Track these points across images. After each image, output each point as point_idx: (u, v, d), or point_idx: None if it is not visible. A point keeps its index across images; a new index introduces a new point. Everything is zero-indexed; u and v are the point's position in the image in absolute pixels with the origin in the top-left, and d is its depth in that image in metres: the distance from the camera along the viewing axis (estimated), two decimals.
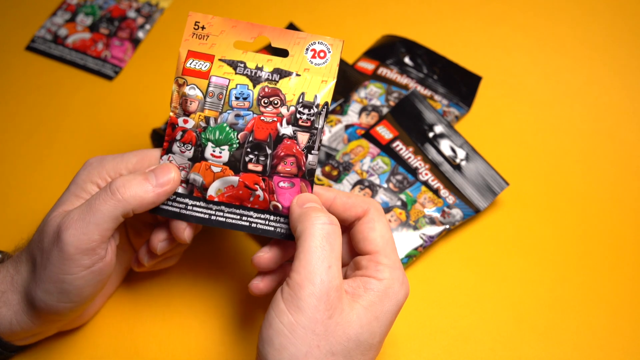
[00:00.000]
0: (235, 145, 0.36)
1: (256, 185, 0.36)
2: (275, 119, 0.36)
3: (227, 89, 0.36)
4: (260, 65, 0.36)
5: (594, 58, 0.57)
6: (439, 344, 0.42)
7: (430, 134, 0.49)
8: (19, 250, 0.38)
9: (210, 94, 0.36)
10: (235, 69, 0.36)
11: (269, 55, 0.36)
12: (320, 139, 0.36)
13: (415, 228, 0.45)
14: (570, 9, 0.60)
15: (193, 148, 0.36)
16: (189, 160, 0.36)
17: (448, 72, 0.55)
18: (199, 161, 0.36)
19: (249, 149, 0.36)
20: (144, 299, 0.43)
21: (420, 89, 0.54)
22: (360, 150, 0.48)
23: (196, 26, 0.37)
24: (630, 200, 0.50)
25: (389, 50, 0.56)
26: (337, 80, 0.36)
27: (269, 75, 0.36)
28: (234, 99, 0.36)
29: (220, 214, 0.36)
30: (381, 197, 0.46)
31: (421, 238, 0.44)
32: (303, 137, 0.36)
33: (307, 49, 0.36)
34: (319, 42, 0.36)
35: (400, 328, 0.42)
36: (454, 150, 0.48)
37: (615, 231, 0.48)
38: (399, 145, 0.48)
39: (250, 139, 0.36)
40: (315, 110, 0.36)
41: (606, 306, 0.44)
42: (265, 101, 0.36)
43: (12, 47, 0.59)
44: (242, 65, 0.36)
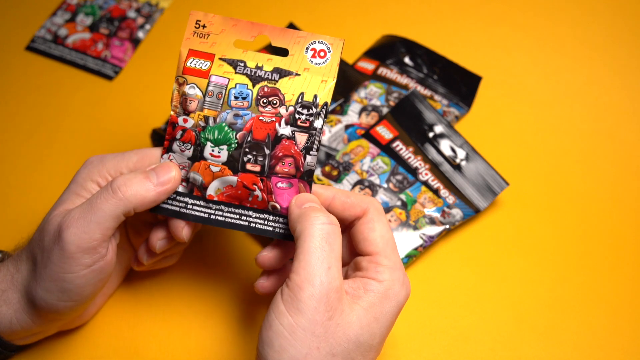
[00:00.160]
0: (233, 145, 0.36)
1: (254, 186, 0.36)
2: (274, 119, 0.36)
3: (227, 88, 0.36)
4: (260, 65, 0.36)
5: (594, 58, 0.57)
6: (439, 344, 0.42)
7: (430, 134, 0.49)
8: (19, 249, 0.38)
9: (210, 93, 0.36)
10: (235, 68, 0.36)
11: (268, 55, 0.36)
12: (319, 139, 0.36)
13: (415, 228, 0.45)
14: (570, 9, 0.60)
15: (192, 147, 0.36)
16: (188, 159, 0.36)
17: (448, 72, 0.55)
18: (198, 160, 0.36)
19: (247, 149, 0.36)
20: (144, 299, 0.43)
21: (420, 89, 0.54)
22: (360, 150, 0.48)
23: (197, 25, 0.37)
24: (630, 200, 0.50)
25: (389, 50, 0.56)
26: (337, 80, 0.36)
27: (268, 75, 0.36)
28: (233, 98, 0.36)
29: (220, 213, 0.36)
30: (381, 197, 0.46)
31: (421, 238, 0.44)
32: (302, 138, 0.36)
33: (307, 49, 0.36)
34: (319, 42, 0.36)
35: (400, 328, 0.42)
36: (454, 150, 0.48)
37: (615, 231, 0.48)
38: (399, 145, 0.48)
39: (249, 139, 0.36)
40: (315, 110, 0.36)
41: (606, 306, 0.44)
42: (264, 101, 0.36)
43: (12, 47, 0.59)
44: (242, 64, 0.36)
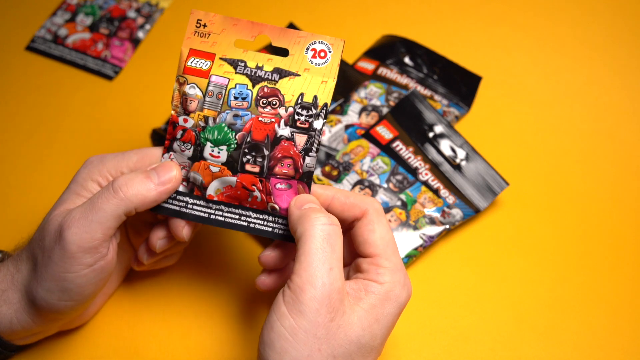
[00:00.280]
0: (233, 146, 0.36)
1: (253, 186, 0.36)
2: (273, 120, 0.36)
3: (227, 88, 0.36)
4: (260, 65, 0.36)
5: (594, 58, 0.57)
6: (439, 344, 0.42)
7: (430, 134, 0.49)
8: (19, 249, 0.38)
9: (210, 93, 0.36)
10: (235, 68, 0.36)
11: (269, 55, 0.36)
12: (318, 141, 0.36)
13: (415, 228, 0.45)
14: (570, 9, 0.60)
15: (192, 147, 0.36)
16: (188, 159, 0.36)
17: (448, 72, 0.55)
18: (198, 160, 0.36)
19: (246, 150, 0.36)
20: (144, 299, 0.43)
21: (420, 89, 0.54)
22: (360, 150, 0.48)
23: (198, 24, 0.37)
24: (630, 200, 0.50)
25: (389, 50, 0.56)
26: (337, 80, 0.36)
27: (268, 75, 0.36)
28: (232, 98, 0.36)
29: (220, 213, 0.36)
30: (381, 197, 0.46)
31: (421, 238, 0.44)
32: (301, 139, 0.36)
33: (308, 49, 0.36)
34: (319, 42, 0.36)
35: (401, 328, 0.42)
36: (454, 150, 0.48)
37: (615, 231, 0.48)
38: (399, 145, 0.48)
39: (248, 139, 0.36)
40: (314, 111, 0.35)
41: (606, 306, 0.44)
42: (264, 101, 0.36)
43: (12, 47, 0.59)
44: (243, 64, 0.36)
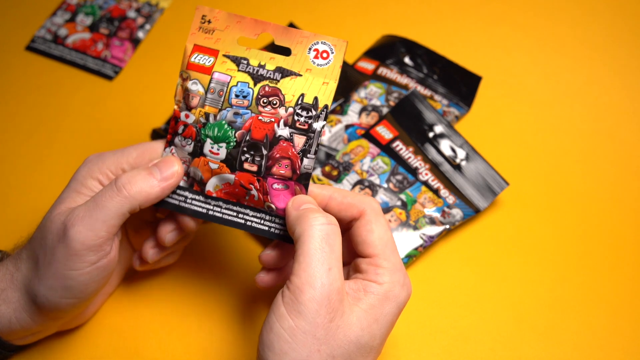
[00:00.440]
0: (232, 144, 0.36)
1: (251, 185, 0.36)
2: (273, 120, 0.35)
3: (228, 86, 0.36)
4: (262, 63, 0.36)
5: (594, 58, 0.57)
6: (439, 344, 0.42)
7: (430, 134, 0.49)
8: (18, 249, 0.38)
9: (212, 90, 0.36)
10: (237, 66, 0.36)
11: (271, 54, 0.36)
12: (317, 142, 0.35)
13: (416, 228, 0.45)
14: (570, 9, 0.60)
15: (193, 143, 0.36)
16: (189, 154, 0.36)
17: (448, 72, 0.55)
18: (198, 156, 0.36)
19: (245, 148, 0.36)
20: (144, 299, 0.43)
21: (420, 89, 0.54)
22: (360, 150, 0.48)
23: (203, 20, 0.37)
24: (630, 200, 0.50)
25: (389, 50, 0.56)
26: (338, 80, 0.36)
27: (270, 74, 0.36)
28: (234, 96, 0.36)
29: (218, 209, 0.36)
30: (381, 197, 0.46)
31: (421, 238, 0.44)
32: (299, 140, 0.35)
33: (310, 49, 0.36)
34: (322, 42, 0.36)
35: (401, 328, 0.42)
36: (454, 150, 0.48)
37: (615, 231, 0.48)
38: (399, 145, 0.48)
39: (247, 138, 0.36)
40: (314, 113, 0.35)
41: (606, 306, 0.44)
42: (265, 101, 0.36)
43: (12, 47, 0.59)
44: (245, 62, 0.36)
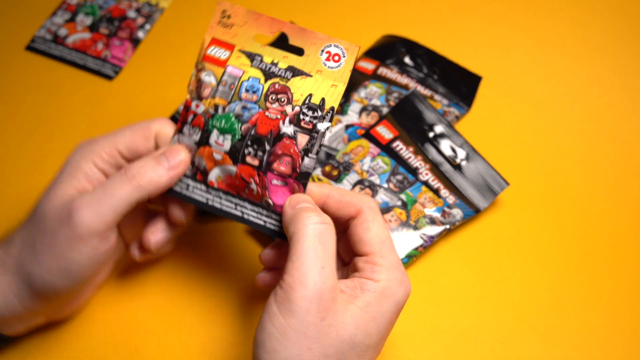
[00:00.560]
0: (237, 136, 0.36)
1: (251, 179, 0.36)
2: (279, 117, 0.36)
3: (240, 80, 0.37)
4: (275, 61, 0.37)
5: (594, 58, 0.57)
6: (439, 344, 0.42)
7: (431, 134, 0.49)
8: (3, 239, 0.37)
9: (224, 82, 0.37)
10: (252, 61, 0.37)
11: (285, 52, 0.37)
12: (320, 143, 0.36)
13: (416, 228, 0.45)
14: (570, 9, 0.60)
15: (200, 132, 0.37)
16: (195, 143, 0.37)
17: (448, 72, 0.55)
18: (203, 146, 0.37)
19: (249, 142, 0.36)
20: (144, 298, 0.43)
21: (421, 88, 0.54)
22: (361, 150, 0.48)
23: (223, 14, 0.37)
24: (630, 200, 0.50)
25: (389, 50, 0.56)
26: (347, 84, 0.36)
27: (282, 72, 0.36)
28: (244, 90, 0.37)
29: (218, 200, 0.37)
30: (381, 197, 0.46)
31: (421, 238, 0.44)
32: (302, 139, 0.36)
33: (323, 51, 0.36)
34: (334, 45, 0.36)
35: (400, 328, 0.42)
36: (454, 150, 0.48)
37: (615, 231, 0.48)
38: (399, 145, 0.48)
39: (252, 132, 0.36)
40: (320, 113, 0.36)
41: (606, 306, 0.44)
42: (273, 97, 0.36)
43: (12, 47, 0.59)
44: (259, 58, 0.37)
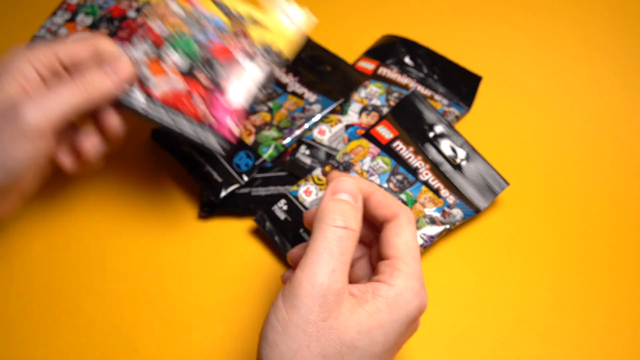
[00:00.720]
0: (194, 57, 0.40)
1: (198, 97, 0.40)
2: (237, 50, 0.41)
3: (207, 17, 0.41)
4: (239, 12, 0.42)
5: (594, 58, 0.57)
6: (439, 344, 0.42)
7: (431, 134, 0.49)
8: None
9: (190, 15, 0.41)
10: (220, 8, 0.41)
11: (250, 7, 0.41)
12: (269, 80, 0.41)
13: (416, 228, 0.45)
14: (570, 9, 0.60)
15: (154, 48, 0.40)
16: (146, 56, 0.40)
17: (448, 72, 0.55)
18: (155, 62, 0.40)
19: (202, 64, 0.40)
20: (144, 298, 0.43)
21: (421, 88, 0.54)
22: (361, 150, 0.48)
23: None
24: (630, 200, 0.50)
25: (389, 50, 0.56)
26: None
27: (244, 20, 0.41)
28: (207, 23, 0.41)
29: (162, 111, 0.39)
30: None
31: (421, 238, 0.44)
32: (253, 71, 0.40)
33: (281, 10, 0.41)
34: (291, 7, 0.41)
35: None
36: (454, 150, 0.48)
37: (615, 231, 0.48)
38: (399, 145, 0.48)
39: (208, 56, 0.40)
40: (274, 57, 0.41)
41: (606, 306, 0.44)
42: (235, 33, 0.41)
43: (12, 47, 0.59)
44: (226, 7, 0.42)
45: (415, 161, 0.47)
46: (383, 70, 0.54)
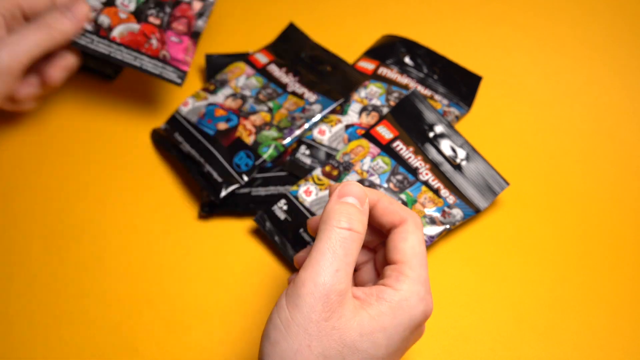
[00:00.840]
0: (142, 0, 0.46)
1: (152, 35, 0.46)
2: None
3: None
4: None
5: (594, 58, 0.57)
6: (439, 344, 0.42)
7: (431, 134, 0.49)
8: None
9: None
10: None
11: None
12: (209, 10, 0.48)
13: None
14: (570, 9, 0.60)
15: None
16: (102, 3, 0.46)
17: (448, 72, 0.55)
18: (110, 6, 0.46)
19: (152, 5, 0.46)
20: (144, 298, 0.43)
21: (421, 88, 0.54)
22: (361, 150, 0.48)
23: None
24: (630, 200, 0.50)
25: (389, 50, 0.56)
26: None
27: None
28: None
29: (120, 52, 0.45)
30: None
31: None
32: (197, 5, 0.47)
33: None
34: None
35: None
36: (454, 150, 0.48)
37: (615, 231, 0.48)
38: (399, 145, 0.48)
39: None
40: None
41: (606, 306, 0.44)
42: None
43: None
44: None
45: (415, 161, 0.47)
46: (383, 70, 0.54)
